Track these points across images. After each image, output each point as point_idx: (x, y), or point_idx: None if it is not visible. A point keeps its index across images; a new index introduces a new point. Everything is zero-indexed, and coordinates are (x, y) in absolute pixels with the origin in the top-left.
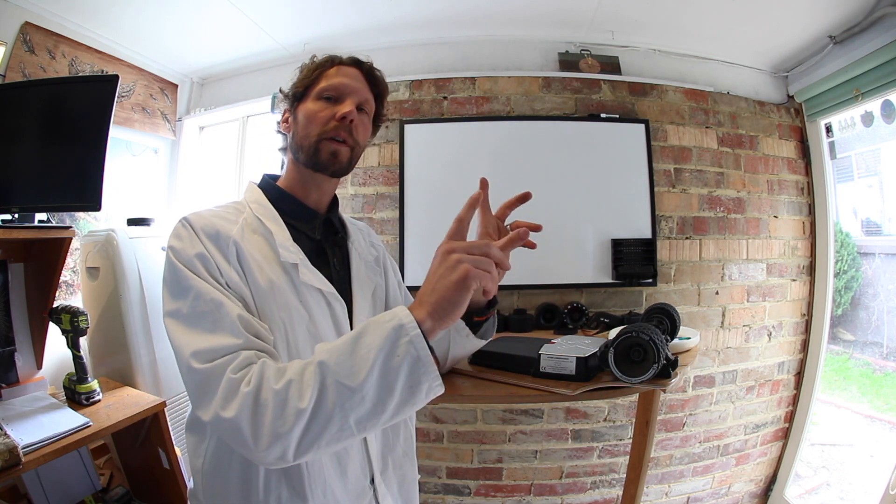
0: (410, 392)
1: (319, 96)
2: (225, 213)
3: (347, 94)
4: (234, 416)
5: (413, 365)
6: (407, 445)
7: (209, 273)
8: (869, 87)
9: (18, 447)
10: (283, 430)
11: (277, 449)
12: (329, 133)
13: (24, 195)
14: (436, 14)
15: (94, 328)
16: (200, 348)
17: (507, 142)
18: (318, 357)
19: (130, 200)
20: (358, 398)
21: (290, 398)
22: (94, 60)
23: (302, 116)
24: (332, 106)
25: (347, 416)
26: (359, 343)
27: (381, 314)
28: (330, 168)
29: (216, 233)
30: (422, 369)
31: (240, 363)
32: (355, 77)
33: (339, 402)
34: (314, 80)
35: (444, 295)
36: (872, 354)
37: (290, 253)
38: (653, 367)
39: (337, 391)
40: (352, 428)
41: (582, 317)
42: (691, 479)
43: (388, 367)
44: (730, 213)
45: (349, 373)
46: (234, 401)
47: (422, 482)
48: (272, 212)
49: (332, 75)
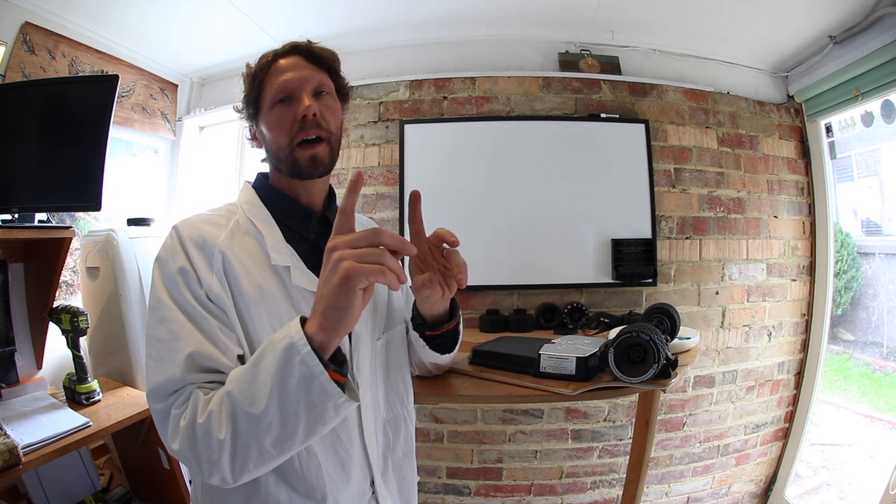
0: (315, 412)
1: (273, 103)
2: (216, 218)
3: (298, 89)
4: (179, 448)
5: (308, 385)
6: (407, 447)
7: (188, 288)
8: (869, 87)
9: (18, 447)
10: (213, 459)
11: (216, 476)
12: (298, 137)
13: (24, 195)
14: (436, 14)
15: (94, 328)
16: (153, 385)
17: (507, 142)
18: (227, 386)
19: (130, 200)
20: (265, 424)
21: (212, 430)
22: (94, 60)
23: (266, 129)
24: (289, 107)
25: (262, 442)
26: (257, 368)
27: (279, 331)
28: (315, 173)
29: (203, 241)
30: (317, 388)
31: (183, 399)
32: (298, 65)
33: (249, 430)
34: (260, 88)
35: (329, 302)
36: (872, 354)
37: (281, 256)
38: (653, 367)
39: (245, 420)
40: (271, 451)
41: (582, 317)
42: (691, 479)
43: (285, 390)
44: (730, 213)
45: (251, 401)
46: (177, 436)
47: (422, 482)
48: (264, 213)
49: (275, 75)
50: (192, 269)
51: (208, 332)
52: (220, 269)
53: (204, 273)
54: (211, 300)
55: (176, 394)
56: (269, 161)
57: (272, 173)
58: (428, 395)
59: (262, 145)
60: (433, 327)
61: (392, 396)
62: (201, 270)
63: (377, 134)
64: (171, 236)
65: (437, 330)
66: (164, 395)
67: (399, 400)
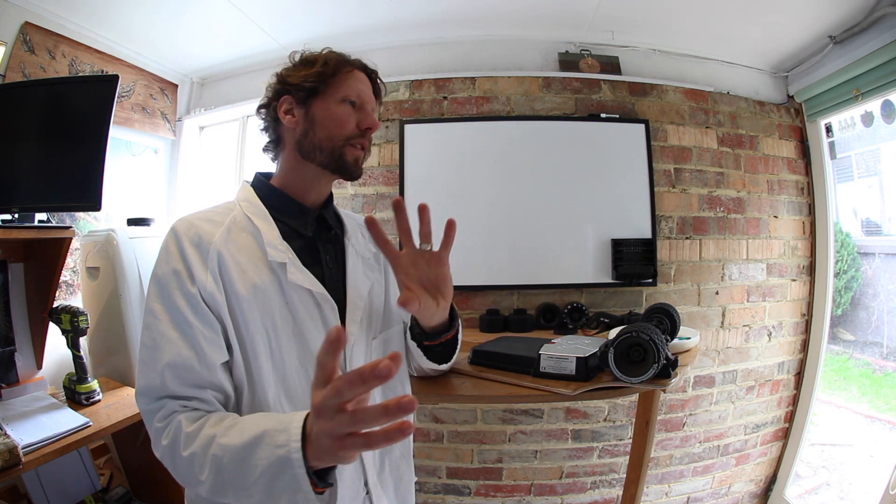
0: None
1: (343, 99)
2: (213, 215)
3: (368, 103)
4: (160, 456)
5: (294, 495)
6: (404, 447)
7: (180, 290)
8: (869, 87)
9: (18, 447)
10: (192, 483)
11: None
12: (355, 140)
13: (25, 195)
14: (436, 14)
15: (94, 328)
16: (139, 387)
17: (508, 142)
18: (215, 450)
19: (130, 200)
20: (245, 495)
21: (193, 468)
22: (94, 60)
23: (323, 117)
24: (357, 112)
25: (240, 499)
26: (251, 455)
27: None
28: (354, 173)
29: (199, 239)
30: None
31: (164, 414)
32: (367, 84)
33: (231, 490)
34: (332, 78)
35: (327, 455)
36: (872, 354)
37: (278, 252)
38: (653, 367)
39: (229, 481)
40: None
41: (582, 317)
42: (691, 479)
43: (271, 488)
44: (730, 213)
45: (238, 476)
46: (158, 448)
47: (422, 482)
48: (262, 209)
49: (354, 80)
50: (185, 269)
51: (192, 339)
52: (214, 267)
53: (198, 271)
54: (204, 299)
55: (158, 402)
56: (296, 144)
57: (285, 166)
58: (428, 395)
59: (295, 124)
60: (431, 337)
61: (390, 397)
62: (196, 268)
63: (377, 134)
64: (169, 235)
65: (435, 340)
66: (149, 398)
67: None
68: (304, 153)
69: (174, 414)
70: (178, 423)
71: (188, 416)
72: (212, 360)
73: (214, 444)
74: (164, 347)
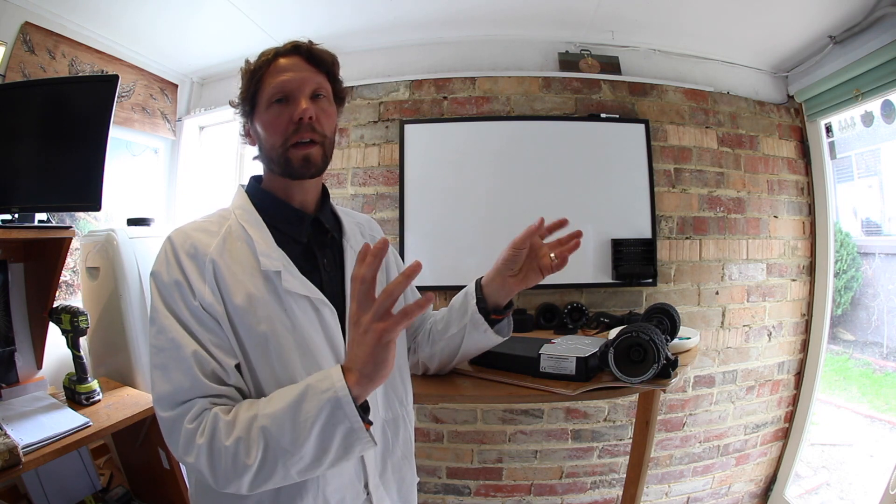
0: (345, 452)
1: (270, 102)
2: (208, 225)
3: (296, 91)
4: (194, 461)
5: (347, 434)
6: (406, 448)
7: (183, 301)
8: (869, 87)
9: (18, 447)
10: (234, 477)
11: (232, 488)
12: (292, 139)
13: (24, 195)
14: (436, 14)
15: (94, 328)
16: (162, 393)
17: (508, 142)
18: (262, 422)
19: (130, 200)
20: (297, 458)
21: (238, 454)
22: (94, 60)
23: (260, 128)
24: (285, 108)
25: (289, 470)
26: (298, 411)
27: (319, 379)
28: (307, 173)
29: (194, 251)
30: (354, 436)
31: (195, 413)
32: (298, 66)
33: (281, 460)
34: (258, 85)
35: (367, 360)
36: (872, 354)
37: (271, 260)
38: (653, 367)
39: (279, 453)
40: (294, 477)
41: (582, 317)
42: (691, 479)
43: (324, 435)
44: (730, 213)
45: (290, 440)
46: (192, 450)
47: (422, 482)
48: (256, 217)
49: (275, 73)
50: (185, 281)
51: (205, 345)
52: (211, 278)
53: (196, 283)
54: (205, 309)
55: (186, 405)
56: (261, 160)
57: (266, 175)
58: (428, 395)
59: (255, 143)
60: (497, 312)
61: (391, 397)
62: (194, 281)
63: (377, 134)
64: (165, 247)
65: (502, 315)
66: (174, 403)
67: (398, 400)
68: (267, 166)
69: (206, 411)
70: (215, 415)
71: (222, 409)
72: (227, 363)
73: (259, 419)
74: (185, 345)
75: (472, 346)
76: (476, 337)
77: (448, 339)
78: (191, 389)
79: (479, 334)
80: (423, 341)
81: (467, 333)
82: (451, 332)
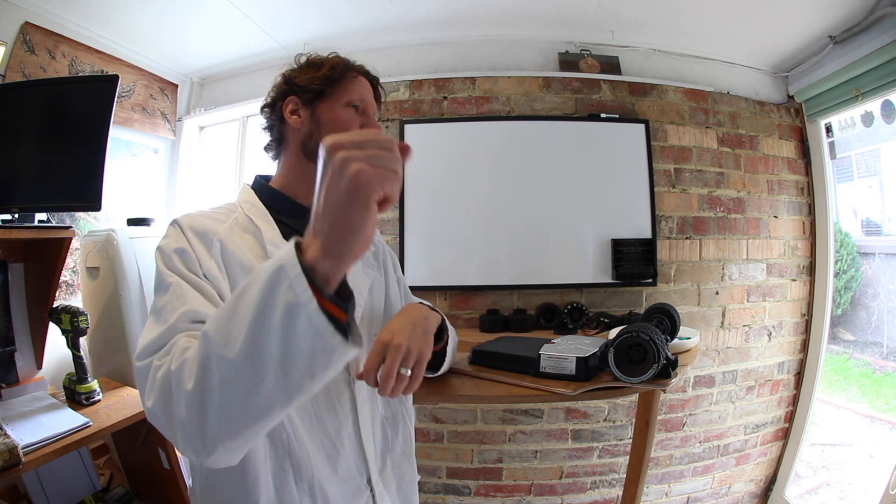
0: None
1: (348, 103)
2: (215, 214)
3: (370, 108)
4: (151, 406)
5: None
6: (406, 445)
7: (186, 266)
8: (869, 87)
9: (18, 447)
10: (181, 419)
11: (189, 446)
12: None
13: (24, 195)
14: (436, 14)
15: (94, 328)
16: (144, 343)
17: (508, 142)
18: (205, 326)
19: (130, 200)
20: (237, 371)
21: (182, 380)
22: (94, 60)
23: (329, 119)
24: (360, 116)
25: (232, 395)
26: (239, 302)
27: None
28: None
29: (203, 230)
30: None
31: (167, 348)
32: (370, 90)
33: (221, 379)
34: (337, 83)
35: (336, 217)
36: (872, 354)
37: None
38: (653, 367)
39: (218, 366)
40: (243, 411)
41: (582, 317)
42: (691, 479)
43: (264, 326)
44: (730, 213)
45: (226, 342)
46: (152, 391)
47: (422, 482)
48: (263, 210)
49: (358, 85)
50: (191, 250)
51: (210, 296)
52: (218, 255)
53: (203, 257)
54: (209, 280)
55: (163, 349)
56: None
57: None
58: (428, 395)
59: (301, 125)
60: None
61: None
62: (201, 255)
63: None
64: (172, 226)
65: None
66: (152, 350)
67: (398, 398)
68: (308, 154)
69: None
70: (176, 339)
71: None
72: None
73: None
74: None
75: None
76: None
77: None
78: (172, 329)
79: None
80: None
81: None
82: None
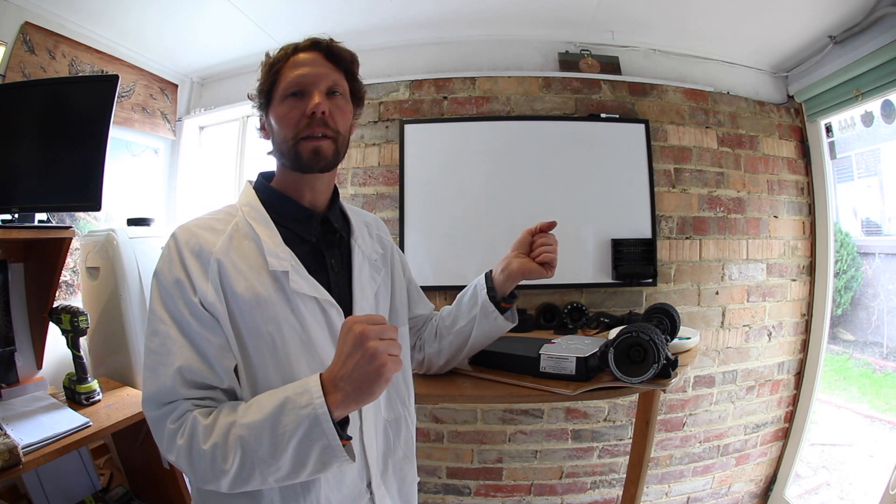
0: (322, 467)
1: (285, 96)
2: (214, 223)
3: (311, 85)
4: (175, 459)
5: (324, 451)
6: (407, 448)
7: (183, 299)
8: (869, 87)
9: (18, 447)
10: (212, 479)
11: (212, 487)
12: (303, 132)
13: (24, 195)
14: (436, 14)
15: (94, 328)
16: (148, 394)
17: (507, 142)
18: (239, 430)
19: (130, 200)
20: (274, 468)
21: (216, 459)
22: (94, 60)
23: (274, 121)
24: (299, 102)
25: (266, 478)
26: (277, 423)
27: (298, 392)
28: (316, 166)
29: (199, 249)
30: (331, 453)
31: (177, 414)
32: (316, 62)
33: (258, 468)
34: (275, 79)
35: (363, 387)
36: (872, 354)
37: (279, 260)
38: (653, 367)
39: (256, 462)
40: (271, 483)
41: (582, 317)
42: (691, 479)
43: (301, 449)
44: (730, 213)
45: (267, 452)
46: (173, 450)
47: (422, 482)
48: (263, 215)
49: (292, 68)
50: (187, 279)
51: (200, 346)
52: (215, 277)
53: (199, 281)
54: (205, 308)
55: (170, 406)
56: (274, 154)
57: (278, 171)
58: (428, 395)
59: (269, 137)
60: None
61: (394, 397)
62: (196, 279)
63: (377, 134)
64: (169, 245)
65: (510, 302)
66: (158, 403)
67: (400, 400)
68: (279, 160)
69: (188, 413)
70: (194, 418)
71: (202, 412)
72: (224, 364)
73: (236, 427)
74: (174, 351)
75: (481, 336)
76: (486, 325)
77: (456, 333)
78: (172, 392)
79: (489, 322)
80: (429, 338)
81: (477, 323)
82: (459, 326)
